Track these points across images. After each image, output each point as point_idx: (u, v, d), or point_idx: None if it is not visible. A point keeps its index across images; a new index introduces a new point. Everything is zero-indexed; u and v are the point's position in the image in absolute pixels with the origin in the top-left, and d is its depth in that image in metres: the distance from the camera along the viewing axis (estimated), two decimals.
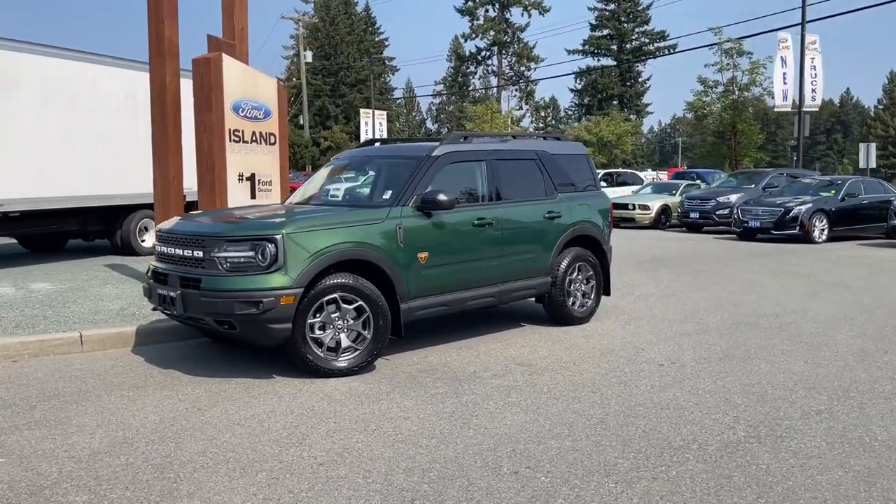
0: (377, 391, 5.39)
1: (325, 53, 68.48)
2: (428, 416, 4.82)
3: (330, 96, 68.21)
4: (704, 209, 19.54)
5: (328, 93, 68.44)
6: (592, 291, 7.84)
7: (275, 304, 5.42)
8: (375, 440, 4.41)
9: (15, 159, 10.53)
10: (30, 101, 10.73)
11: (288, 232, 5.53)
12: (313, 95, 69.21)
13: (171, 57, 9.03)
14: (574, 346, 6.80)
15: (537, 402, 5.13)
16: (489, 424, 4.68)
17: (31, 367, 6.09)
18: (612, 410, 4.94)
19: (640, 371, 5.91)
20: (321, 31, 69.38)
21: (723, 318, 8.05)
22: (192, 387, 5.52)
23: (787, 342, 6.87)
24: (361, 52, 70.64)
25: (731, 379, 5.67)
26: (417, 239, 6.20)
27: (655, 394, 5.30)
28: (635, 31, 65.65)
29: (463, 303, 6.65)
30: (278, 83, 9.80)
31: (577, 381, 5.65)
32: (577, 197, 7.74)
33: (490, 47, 63.46)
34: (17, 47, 10.51)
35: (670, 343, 6.86)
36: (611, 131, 38.47)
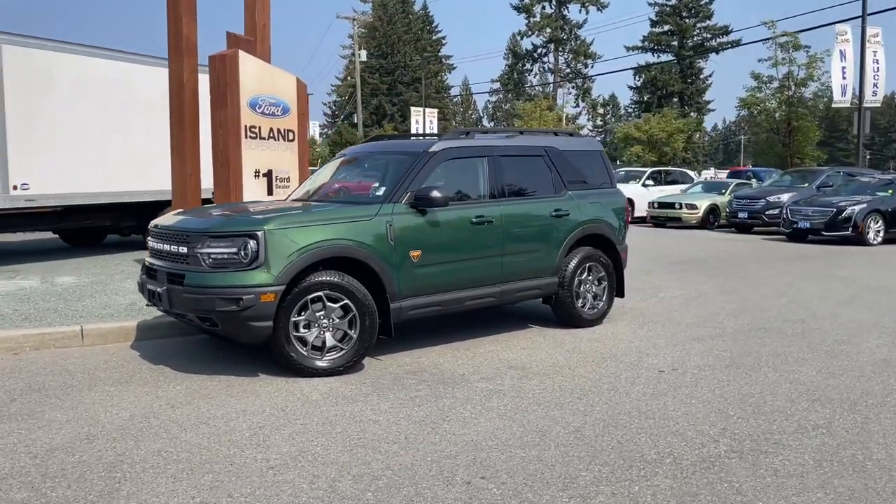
0: (356, 392, 5.26)
1: (382, 52, 68.91)
2: (398, 420, 4.67)
3: (386, 95, 68.59)
4: (753, 209, 18.84)
5: (384, 91, 68.83)
6: (604, 293, 7.56)
7: (255, 302, 5.34)
8: (336, 444, 4.27)
9: (49, 156, 10.78)
10: (64, 98, 10.98)
11: (269, 228, 5.45)
12: (370, 94, 69.75)
13: (190, 54, 9.09)
14: (576, 349, 6.54)
15: (517, 407, 4.92)
16: (459, 430, 4.50)
17: (28, 360, 6.16)
18: (593, 419, 4.70)
19: (637, 377, 5.63)
20: (378, 30, 69.82)
21: (743, 322, 7.66)
22: (175, 383, 5.48)
23: (804, 350, 6.48)
24: (418, 51, 70.78)
25: (732, 388, 5.35)
26: (410, 237, 6.05)
27: (645, 402, 5.03)
28: (697, 26, 64.02)
29: (460, 303, 6.47)
30: (298, 80, 9.78)
31: (566, 386, 5.41)
32: (589, 195, 7.47)
33: (546, 44, 62.76)
34: (53, 46, 10.76)
35: (679, 348, 6.55)
36: (661, 129, 37.49)
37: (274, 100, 9.40)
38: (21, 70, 10.35)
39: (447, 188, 6.43)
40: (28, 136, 10.49)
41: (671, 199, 21.10)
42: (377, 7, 70.00)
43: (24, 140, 10.45)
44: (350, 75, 72.01)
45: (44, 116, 10.68)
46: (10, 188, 10.34)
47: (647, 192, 22.24)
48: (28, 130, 10.50)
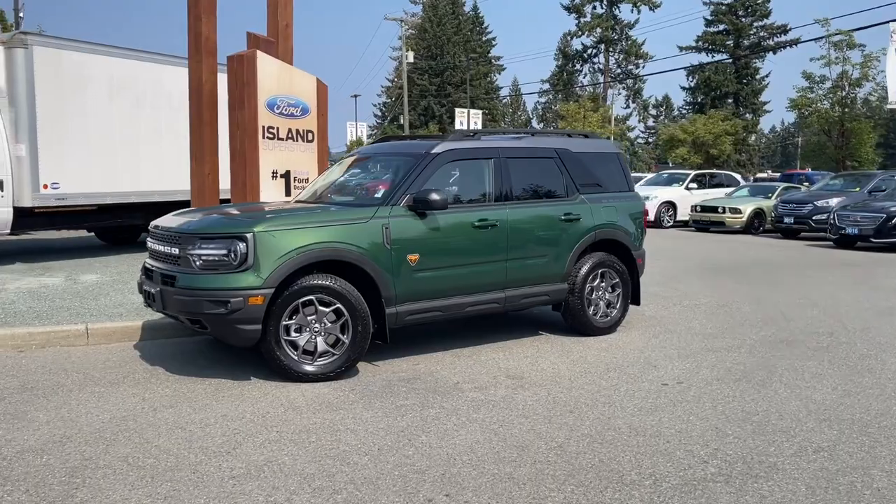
0: (343, 399, 5.14)
1: (431, 54, 69.00)
2: (377, 431, 4.53)
3: (435, 96, 68.64)
4: (800, 214, 18.17)
5: (433, 93, 68.90)
6: (618, 300, 7.29)
7: (242, 305, 5.26)
8: (306, 454, 4.15)
9: (79, 155, 10.97)
10: (95, 99, 11.15)
11: (259, 230, 5.36)
12: (419, 95, 69.92)
13: (209, 54, 9.10)
14: (582, 358, 6.31)
15: (503, 420, 4.73)
16: (436, 443, 4.33)
17: (30, 358, 6.21)
18: (579, 434, 4.48)
19: (637, 390, 5.38)
20: (428, 31, 69.93)
21: (766, 334, 7.31)
22: (165, 385, 5.44)
23: (825, 365, 6.13)
24: (468, 52, 70.68)
25: (735, 405, 5.06)
26: (407, 240, 5.90)
27: (639, 417, 4.79)
28: (754, 25, 62.41)
29: (461, 308, 6.30)
30: (318, 81, 9.72)
31: (561, 398, 5.20)
32: (603, 198, 7.22)
33: (597, 45, 61.89)
34: (83, 48, 10.94)
35: (690, 360, 6.26)
36: (707, 130, 36.48)
37: (293, 100, 9.35)
38: (52, 71, 10.54)
39: (449, 190, 6.29)
40: (59, 136, 10.69)
41: (714, 202, 20.52)
42: (427, 8, 70.13)
43: (55, 140, 10.65)
44: (399, 77, 72.37)
45: (74, 117, 10.86)
46: (41, 187, 10.54)
47: (689, 196, 21.69)
48: (59, 131, 10.69)
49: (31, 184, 10.46)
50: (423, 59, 69.93)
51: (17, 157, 10.38)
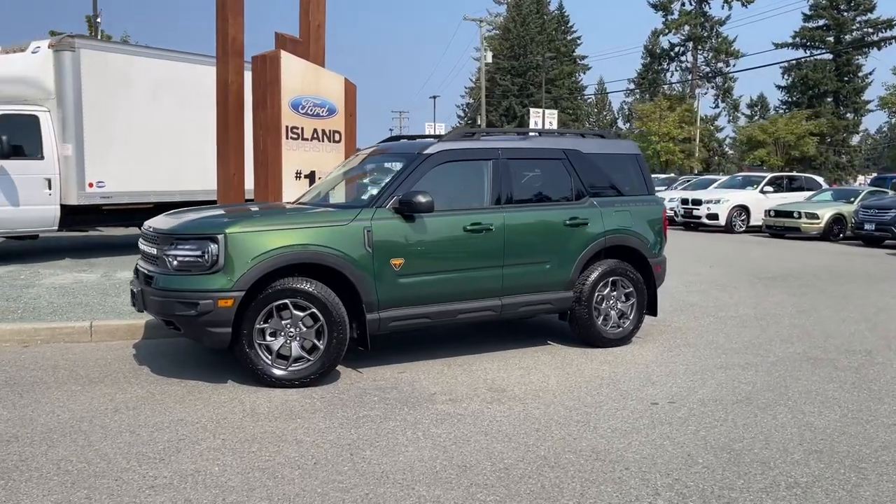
0: (307, 408, 4.98)
1: (514, 54, 68.60)
2: (324, 442, 4.35)
3: (517, 96, 68.17)
4: (882, 220, 16.96)
5: (515, 93, 68.47)
6: (632, 311, 6.88)
7: (212, 307, 5.18)
8: (239, 464, 4.01)
9: (124, 155, 11.27)
10: (141, 100, 11.44)
11: (231, 232, 5.27)
12: (501, 96, 69.64)
13: (235, 55, 9.14)
14: (578, 372, 5.96)
15: (460, 436, 4.47)
16: (378, 459, 4.12)
17: (31, 353, 6.33)
18: (534, 456, 4.18)
19: (622, 409, 5.02)
20: (512, 31, 69.54)
21: (795, 351, 6.75)
22: (141, 386, 5.42)
23: (845, 388, 5.58)
24: (551, 52, 69.89)
25: (722, 429, 4.64)
26: (391, 244, 5.71)
27: (608, 440, 4.44)
28: (856, 20, 59.11)
29: (452, 315, 6.06)
30: (346, 81, 9.64)
31: (534, 414, 4.89)
32: (616, 202, 6.82)
33: (685, 42, 59.94)
34: (128, 50, 11.27)
35: (695, 377, 5.82)
36: (789, 131, 34.59)
37: (319, 100, 9.29)
38: (98, 73, 10.87)
39: (440, 192, 6.06)
40: (104, 136, 11.00)
41: (790, 207, 19.42)
42: (511, 8, 69.74)
43: (100, 140, 10.97)
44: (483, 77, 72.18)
45: (119, 118, 11.16)
46: (86, 186, 10.88)
47: (765, 199, 20.61)
48: (104, 131, 11.00)
49: (77, 182, 10.81)
50: (506, 59, 69.56)
51: (64, 156, 10.75)
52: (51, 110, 10.73)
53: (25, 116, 10.60)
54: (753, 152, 35.77)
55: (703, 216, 20.84)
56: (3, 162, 10.23)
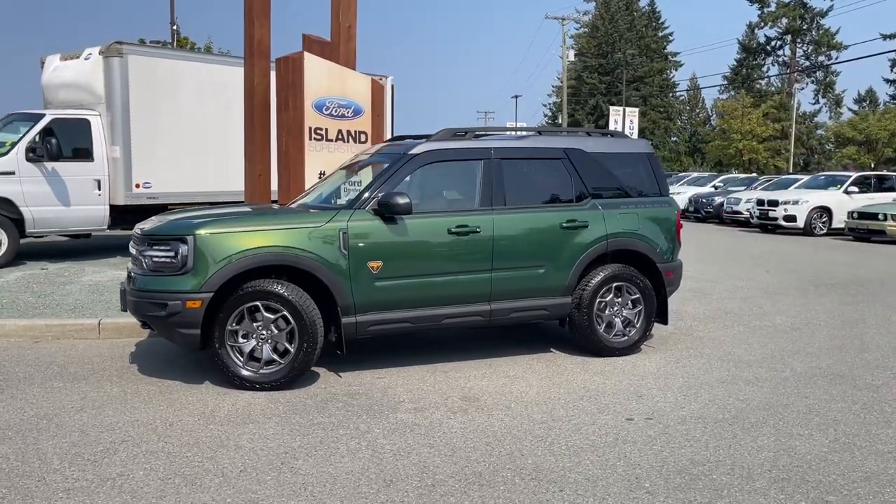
0: (265, 412, 4.92)
1: (601, 51, 67.33)
2: (262, 449, 4.27)
3: (605, 95, 66.85)
4: None
5: (602, 91, 67.17)
6: (638, 319, 6.51)
7: (180, 308, 5.19)
8: (165, 470, 3.96)
9: (170, 157, 11.59)
10: (186, 103, 11.74)
11: (200, 233, 5.27)
12: (588, 94, 68.48)
13: (261, 57, 9.23)
14: (564, 382, 5.67)
15: (404, 448, 4.30)
16: (307, 469, 4.00)
17: (37, 349, 6.54)
18: (470, 472, 3.97)
19: (591, 425, 4.72)
20: (600, 28, 68.30)
21: (817, 365, 6.23)
22: (119, 384, 5.49)
23: (854, 408, 5.09)
24: (641, 49, 68.21)
25: (689, 451, 4.29)
26: (368, 246, 5.58)
27: (557, 458, 4.18)
28: None
29: (436, 321, 5.88)
30: (373, 81, 9.59)
31: (494, 427, 4.66)
32: (622, 204, 6.47)
33: (782, 36, 57.25)
34: (174, 55, 11.59)
35: (688, 393, 5.44)
36: (882, 127, 32.24)
37: (344, 101, 9.27)
38: (145, 78, 11.21)
39: (426, 194, 5.90)
40: (151, 139, 11.35)
41: (875, 208, 18.15)
42: (600, 5, 68.46)
43: (147, 143, 11.32)
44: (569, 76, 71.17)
45: (165, 120, 11.49)
46: (134, 186, 11.25)
47: (848, 200, 19.35)
48: (151, 134, 11.35)
49: (124, 183, 11.19)
50: (594, 56, 68.35)
51: (113, 158, 11.14)
52: (101, 114, 11.15)
53: (77, 120, 11.05)
54: (841, 150, 33.65)
55: (779, 218, 19.77)
56: (55, 164, 10.69)
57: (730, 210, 22.57)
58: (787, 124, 45.64)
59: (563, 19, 47.08)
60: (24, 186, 10.46)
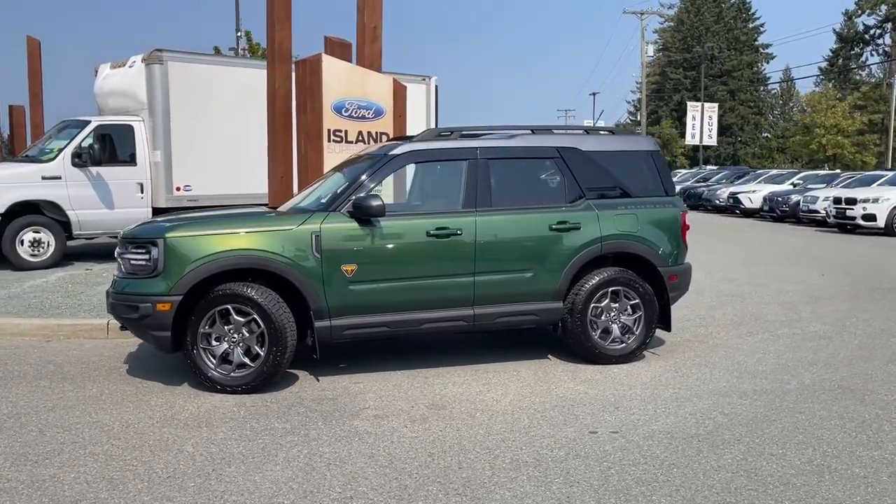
0: (225, 416, 4.89)
1: (686, 46, 65.37)
2: (202, 455, 4.23)
3: (690, 90, 64.82)
4: None
5: (688, 87, 65.18)
6: (638, 325, 6.19)
7: (151, 311, 5.25)
8: (97, 473, 3.97)
9: (210, 160, 11.86)
10: (224, 107, 11.97)
11: (169, 237, 5.30)
12: (672, 90, 66.62)
13: (282, 60, 9.29)
14: (545, 391, 5.44)
15: (341, 458, 4.19)
16: (234, 478, 3.94)
17: (46, 347, 6.75)
18: (396, 486, 3.82)
19: (548, 437, 4.49)
20: (685, 22, 66.34)
21: (830, 377, 5.77)
22: (100, 384, 5.58)
23: (849, 427, 4.66)
24: (729, 43, 65.90)
25: (639, 469, 4.01)
26: (342, 249, 5.50)
27: (493, 473, 3.98)
28: None
29: (415, 325, 5.74)
30: (395, 82, 9.52)
31: (445, 438, 4.49)
32: (619, 204, 6.17)
33: (881, 24, 54.03)
34: (212, 60, 11.86)
35: (669, 405, 5.11)
36: None
37: (364, 103, 9.23)
38: (185, 83, 11.51)
39: (407, 195, 5.77)
40: (190, 142, 11.64)
41: None
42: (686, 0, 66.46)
43: (187, 147, 11.62)
44: (653, 72, 69.42)
45: (204, 124, 11.76)
46: (174, 189, 11.58)
47: None
48: (191, 138, 11.65)
49: (165, 186, 11.52)
50: (678, 51, 66.41)
51: (154, 162, 11.50)
52: (144, 120, 11.51)
53: (122, 126, 11.46)
54: None
55: (857, 217, 18.61)
56: (99, 168, 11.10)
57: (806, 209, 21.42)
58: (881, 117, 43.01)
59: (642, 14, 45.92)
60: (69, 190, 10.91)
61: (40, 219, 10.83)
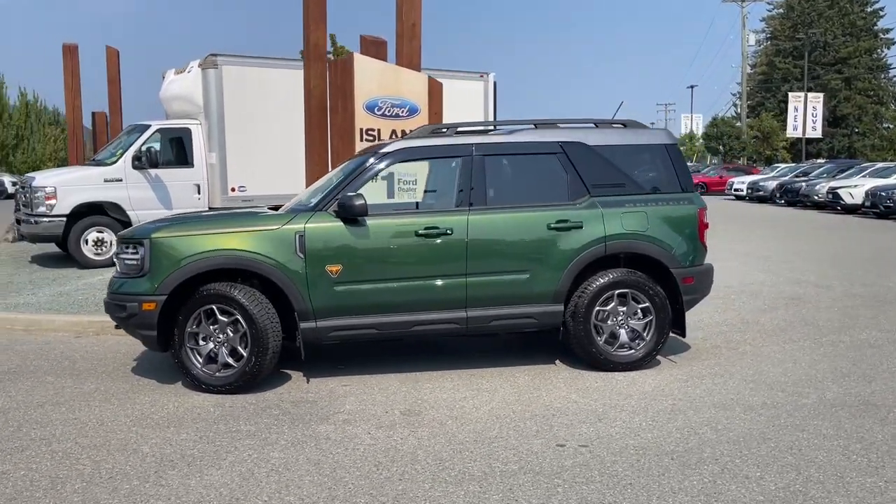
0: (199, 416, 4.88)
1: (796, 33, 62.01)
2: (155, 456, 4.22)
3: (799, 80, 61.46)
4: None
5: (797, 76, 61.78)
6: (648, 330, 5.80)
7: (137, 310, 5.31)
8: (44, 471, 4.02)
9: (264, 160, 12.08)
10: (277, 108, 12.15)
11: (155, 237, 5.35)
12: (780, 80, 63.34)
13: (318, 60, 9.32)
14: (531, 399, 5.16)
15: (287, 463, 4.09)
16: (170, 482, 3.90)
17: (73, 343, 6.97)
18: (326, 496, 3.68)
19: (510, 449, 4.24)
20: (794, 8, 62.98)
21: (853, 392, 5.23)
22: (100, 380, 5.68)
23: (853, 447, 4.18)
24: (844, 28, 62.12)
25: (590, 489, 3.71)
26: (326, 249, 5.40)
27: (430, 487, 3.78)
28: None
29: (405, 327, 5.57)
30: (431, 80, 9.38)
31: (401, 447, 4.31)
32: (628, 202, 5.79)
33: None
34: (264, 63, 12.03)
35: (662, 418, 4.74)
36: None
37: (398, 101, 9.14)
38: (239, 86, 11.76)
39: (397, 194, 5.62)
40: (245, 144, 11.89)
41: None
42: None
43: (242, 148, 11.87)
44: (760, 63, 66.33)
45: (258, 126, 11.97)
46: (229, 190, 11.85)
47: None
48: (245, 139, 11.89)
49: (221, 187, 11.81)
50: (787, 39, 63.05)
51: (210, 164, 11.81)
52: (201, 123, 11.85)
53: (180, 129, 11.84)
54: None
55: None
56: (158, 170, 11.50)
57: None
58: None
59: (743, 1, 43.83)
60: (130, 192, 11.34)
61: (104, 219, 11.31)
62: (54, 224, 11.04)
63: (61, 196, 11.02)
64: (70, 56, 15.85)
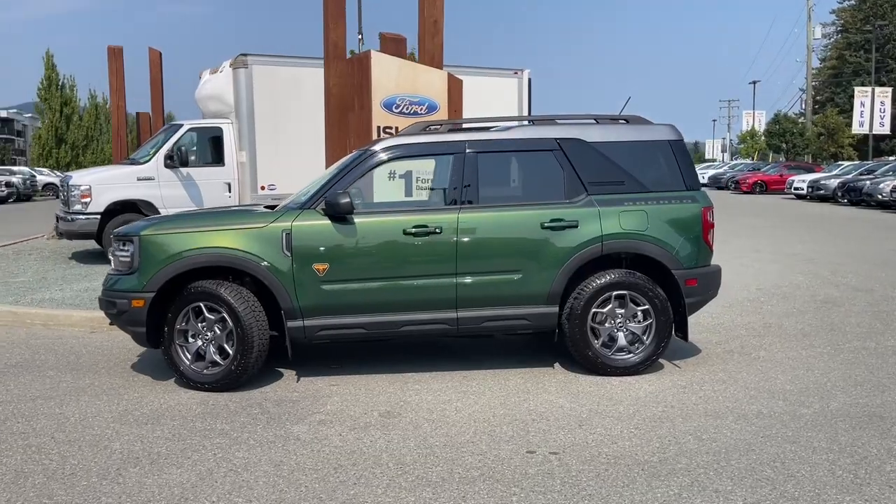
0: (178, 414, 4.88)
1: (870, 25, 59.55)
2: (122, 452, 4.23)
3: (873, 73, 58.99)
4: None
5: (870, 71, 59.27)
6: (648, 334, 5.57)
7: (127, 307, 5.36)
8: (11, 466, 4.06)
9: (294, 159, 12.11)
10: (307, 107, 12.17)
11: (144, 234, 5.39)
12: (852, 74, 60.92)
13: (337, 59, 9.30)
14: (519, 403, 5.01)
15: (247, 464, 4.04)
16: (130, 479, 3.89)
17: (86, 338, 7.09)
18: (273, 499, 3.62)
19: (476, 455, 4.11)
20: (866, 0, 60.51)
21: (861, 402, 4.92)
22: (97, 376, 5.75)
23: (842, 462, 3.92)
24: None
25: (548, 498, 3.55)
26: (313, 248, 5.35)
27: (384, 495, 3.68)
28: None
29: (394, 327, 5.48)
30: (450, 76, 9.27)
31: (367, 450, 4.23)
32: (627, 200, 5.58)
33: None
34: (296, 62, 12.09)
35: (646, 426, 4.53)
36: None
37: (416, 98, 9.06)
38: (268, 85, 11.85)
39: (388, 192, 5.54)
40: (274, 143, 11.97)
41: None
42: None
43: (272, 147, 11.95)
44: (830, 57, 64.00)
45: (287, 125, 12.03)
46: (259, 188, 11.95)
47: None
48: (275, 138, 11.97)
49: (251, 185, 11.93)
50: (859, 32, 60.59)
51: (241, 162, 11.93)
52: (232, 122, 11.99)
53: (211, 128, 12.01)
54: None
55: None
56: (189, 169, 11.69)
57: None
58: None
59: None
60: (162, 190, 11.56)
61: (136, 217, 11.53)
62: (90, 221, 11.33)
63: (96, 194, 11.29)
64: (115, 58, 16.28)
